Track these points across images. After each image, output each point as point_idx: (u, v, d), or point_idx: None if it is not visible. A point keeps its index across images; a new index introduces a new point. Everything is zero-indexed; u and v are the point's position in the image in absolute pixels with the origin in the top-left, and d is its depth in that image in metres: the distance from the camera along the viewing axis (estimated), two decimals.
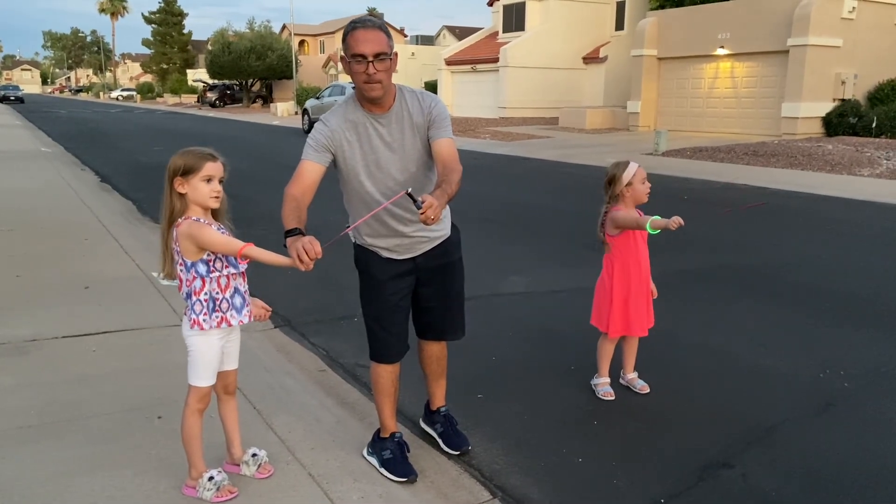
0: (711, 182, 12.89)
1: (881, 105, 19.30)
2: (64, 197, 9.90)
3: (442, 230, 3.00)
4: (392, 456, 3.02)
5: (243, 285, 2.68)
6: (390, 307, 2.95)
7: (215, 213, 2.61)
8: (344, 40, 2.67)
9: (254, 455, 2.87)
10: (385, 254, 2.93)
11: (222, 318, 2.61)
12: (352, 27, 2.65)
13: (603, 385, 3.87)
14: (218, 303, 2.59)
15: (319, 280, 6.15)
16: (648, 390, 3.90)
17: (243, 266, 2.65)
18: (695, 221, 7.93)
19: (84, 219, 8.24)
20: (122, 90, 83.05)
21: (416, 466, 3.05)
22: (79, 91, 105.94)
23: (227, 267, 2.59)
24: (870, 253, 7.50)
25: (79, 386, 3.68)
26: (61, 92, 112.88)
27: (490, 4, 36.80)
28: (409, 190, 2.40)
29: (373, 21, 2.68)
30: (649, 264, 3.78)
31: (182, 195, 2.53)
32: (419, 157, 2.83)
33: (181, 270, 2.58)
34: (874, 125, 18.50)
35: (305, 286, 5.87)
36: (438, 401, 3.37)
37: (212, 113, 45.61)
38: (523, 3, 32.05)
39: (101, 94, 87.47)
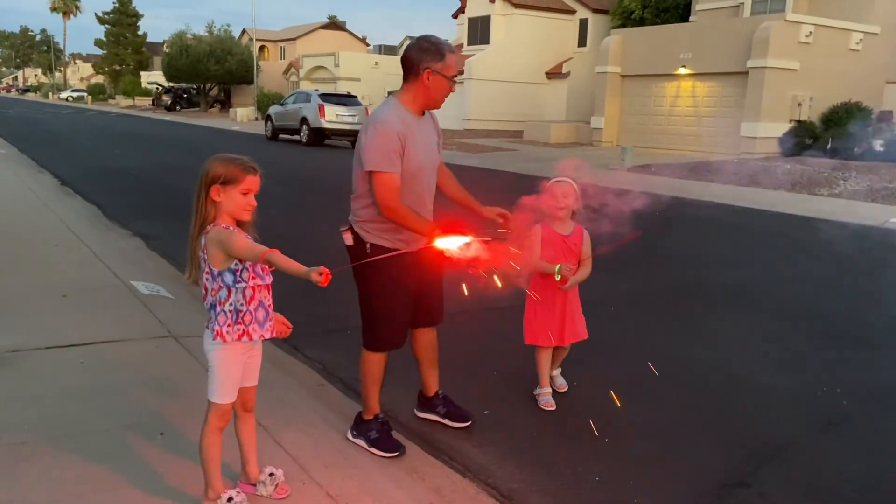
0: (682, 199, 13.11)
1: (835, 127, 19.94)
2: (26, 201, 9.51)
3: None
4: (378, 435, 3.24)
5: (268, 298, 2.59)
6: (406, 297, 3.23)
7: (243, 224, 2.50)
8: (441, 57, 3.07)
9: (271, 475, 2.76)
10: (403, 247, 3.12)
11: (244, 331, 2.51)
12: (450, 50, 3.13)
13: (543, 395, 3.88)
14: (241, 315, 2.49)
15: (309, 292, 6.00)
16: (567, 388, 4.03)
17: (269, 278, 2.55)
18: (672, 238, 8.05)
19: (51, 224, 7.91)
20: (73, 91, 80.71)
21: (431, 485, 2.99)
22: (26, 91, 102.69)
23: (253, 278, 2.49)
24: (838, 271, 7.69)
25: (71, 399, 3.50)
26: (8, 91, 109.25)
27: (455, 17, 36.99)
28: None
29: (453, 46, 3.32)
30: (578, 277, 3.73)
31: (216, 203, 2.41)
32: (438, 160, 3.34)
33: (207, 279, 2.47)
34: (829, 146, 19.10)
35: (295, 298, 5.71)
36: (435, 386, 3.62)
37: (168, 116, 44.68)
38: (488, 17, 32.30)
39: (51, 94, 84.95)
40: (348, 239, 3.24)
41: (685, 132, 22.88)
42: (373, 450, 3.20)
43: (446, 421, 3.59)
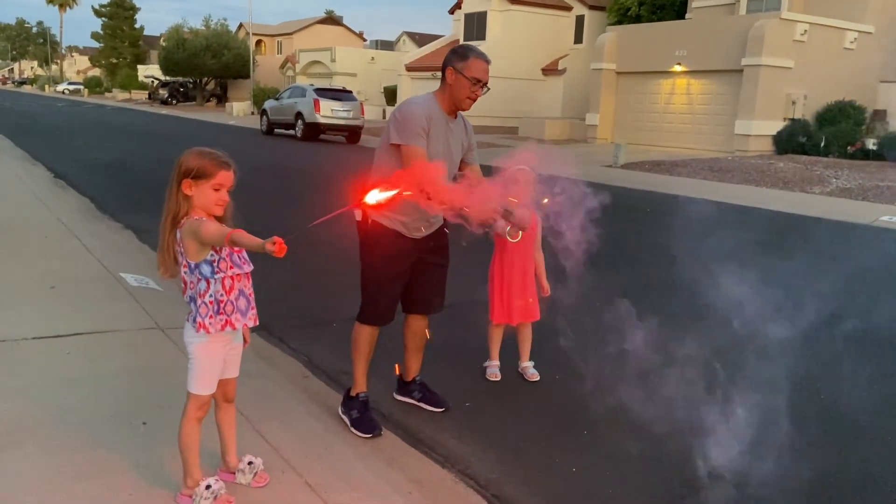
0: (673, 196, 13.17)
1: (829, 126, 20.02)
2: (19, 193, 9.53)
3: (441, 219, 3.49)
4: (359, 415, 3.41)
5: (248, 287, 2.62)
6: (395, 277, 3.41)
7: (220, 219, 2.53)
8: (464, 58, 3.30)
9: (250, 463, 2.80)
10: (402, 230, 3.34)
11: (227, 320, 2.54)
12: (476, 55, 3.32)
13: (491, 367, 4.21)
14: (223, 305, 2.52)
15: (296, 285, 6.06)
16: (538, 378, 4.17)
17: (249, 267, 2.58)
18: (662, 235, 8.08)
19: (42, 216, 7.94)
20: (69, 84, 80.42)
21: (411, 476, 3.04)
22: (22, 83, 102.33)
23: (231, 268, 2.52)
24: (826, 270, 7.75)
25: (56, 390, 3.53)
26: (4, 84, 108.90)
27: (451, 12, 36.95)
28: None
29: (488, 57, 3.40)
30: (534, 260, 4.12)
31: (188, 197, 2.45)
32: (458, 163, 3.52)
33: (185, 273, 2.50)
34: (822, 145, 19.18)
35: (281, 291, 5.77)
36: (415, 371, 3.79)
37: (164, 110, 44.60)
38: (484, 13, 32.29)
39: (47, 87, 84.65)
40: (358, 214, 3.40)
41: (679, 129, 22.93)
42: (353, 430, 3.37)
43: (422, 404, 3.75)
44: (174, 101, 51.86)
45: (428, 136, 3.27)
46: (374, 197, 2.52)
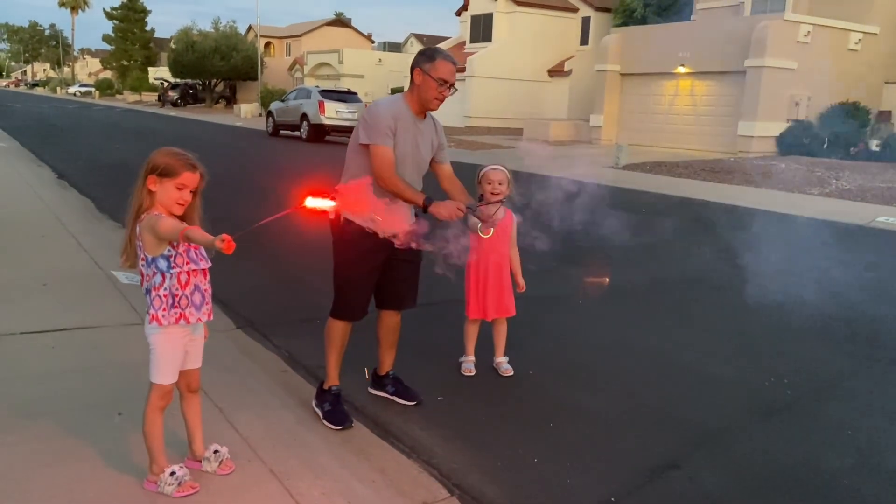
0: (669, 196, 13.22)
1: (833, 127, 19.97)
2: (20, 192, 9.70)
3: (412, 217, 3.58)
4: (331, 408, 3.51)
5: (204, 283, 2.71)
6: (367, 273, 3.51)
7: (184, 218, 2.63)
8: (430, 59, 3.40)
9: (215, 452, 2.90)
10: (372, 227, 3.33)
11: (181, 314, 2.64)
12: (443, 57, 3.42)
13: (466, 362, 4.31)
14: (177, 299, 2.63)
15: (282, 282, 6.18)
16: (512, 373, 4.25)
17: (204, 263, 2.68)
18: (652, 234, 8.16)
19: (41, 215, 8.10)
20: (81, 86, 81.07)
21: (376, 465, 3.13)
22: (35, 85, 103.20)
23: (188, 263, 2.63)
24: (814, 269, 7.78)
25: (37, 383, 3.65)
26: (17, 86, 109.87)
27: (458, 14, 37.08)
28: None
29: (454, 59, 3.50)
30: (508, 257, 4.21)
31: (151, 192, 2.56)
32: (427, 162, 3.60)
33: (142, 266, 2.61)
34: (825, 146, 19.15)
35: (268, 288, 5.89)
36: (389, 366, 3.90)
37: (173, 112, 44.94)
38: (491, 15, 32.40)
39: (59, 89, 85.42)
40: (330, 212, 3.44)
41: (683, 130, 22.96)
42: (325, 422, 3.46)
43: (395, 398, 3.85)
44: (183, 103, 52.20)
45: (395, 135, 3.37)
46: (312, 202, 2.62)
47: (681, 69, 22.61)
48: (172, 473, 2.69)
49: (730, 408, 3.96)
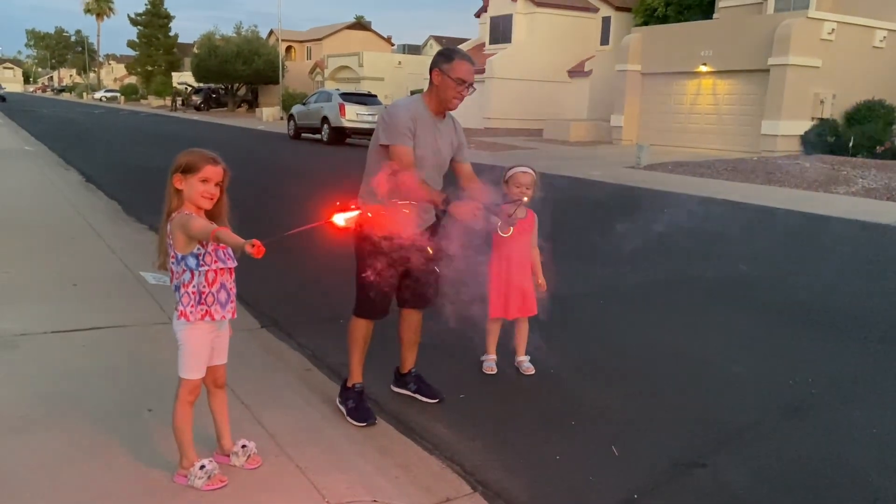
0: (692, 196, 13.14)
1: (858, 125, 19.73)
2: (49, 195, 9.90)
3: (434, 215, 3.65)
4: (354, 405, 3.56)
5: (230, 282, 2.78)
6: (386, 273, 3.50)
7: (214, 216, 2.71)
8: (448, 60, 3.43)
9: (243, 446, 2.96)
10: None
11: (206, 311, 2.71)
12: (461, 56, 3.47)
13: (487, 361, 4.33)
14: (204, 296, 2.69)
15: (305, 283, 6.26)
16: (533, 371, 4.27)
17: (232, 262, 2.75)
18: (672, 235, 8.13)
19: (70, 218, 8.26)
20: (106, 91, 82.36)
21: (399, 461, 3.17)
22: (61, 91, 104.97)
23: (216, 262, 2.70)
24: (839, 269, 7.72)
25: (69, 380, 3.74)
26: (43, 91, 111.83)
27: (477, 16, 37.12)
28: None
29: (472, 59, 3.55)
30: (530, 256, 4.21)
31: (179, 191, 2.63)
32: (447, 161, 3.63)
33: (172, 263, 2.69)
34: (851, 145, 18.91)
35: (292, 288, 5.96)
36: (411, 364, 3.95)
37: (196, 116, 45.46)
38: (510, 16, 32.39)
39: (85, 94, 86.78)
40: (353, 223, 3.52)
41: (705, 130, 22.79)
42: (349, 419, 3.51)
43: (417, 396, 3.90)
44: (206, 107, 52.77)
45: (414, 135, 3.40)
46: (341, 218, 2.67)
47: (703, 68, 22.45)
48: (202, 467, 2.75)
49: (754, 407, 3.94)
